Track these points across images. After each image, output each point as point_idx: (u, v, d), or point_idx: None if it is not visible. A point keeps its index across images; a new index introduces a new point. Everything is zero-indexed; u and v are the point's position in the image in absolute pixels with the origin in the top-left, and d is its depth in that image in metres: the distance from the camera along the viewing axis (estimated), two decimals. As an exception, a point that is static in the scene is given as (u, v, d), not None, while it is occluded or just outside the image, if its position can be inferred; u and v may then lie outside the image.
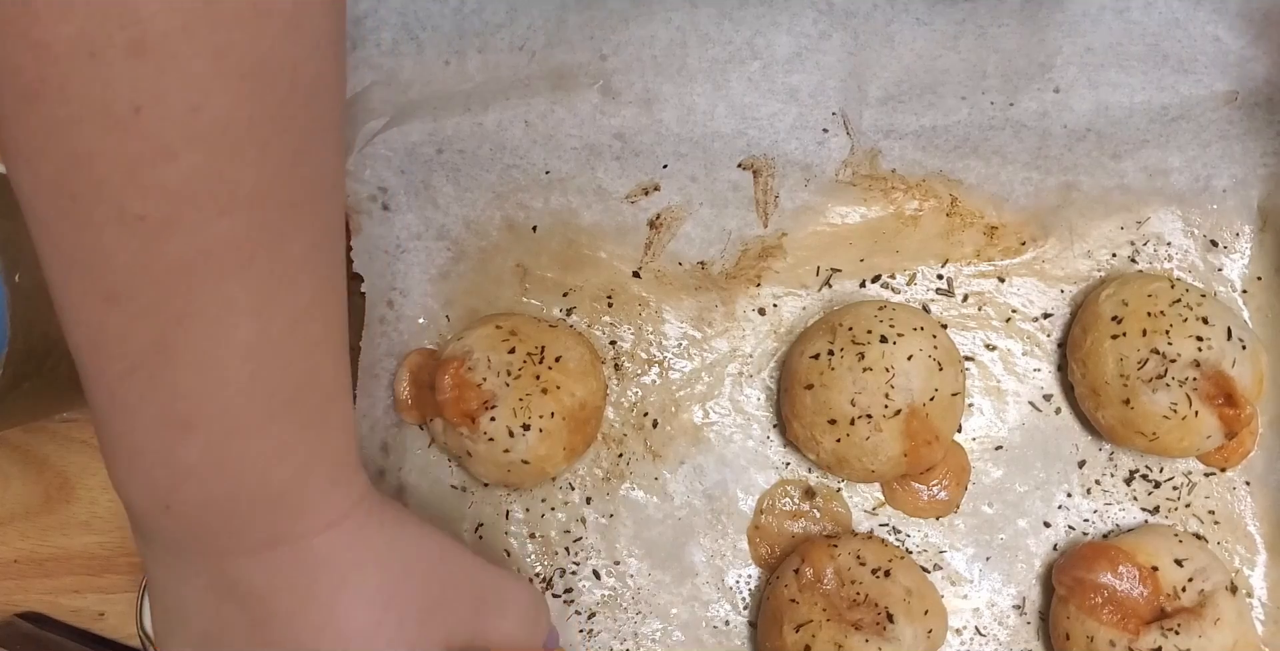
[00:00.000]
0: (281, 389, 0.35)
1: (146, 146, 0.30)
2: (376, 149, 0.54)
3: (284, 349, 0.34)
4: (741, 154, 0.55)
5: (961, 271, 0.55)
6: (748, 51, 0.54)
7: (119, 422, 0.34)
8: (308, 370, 0.36)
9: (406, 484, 0.54)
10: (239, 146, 0.32)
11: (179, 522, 0.35)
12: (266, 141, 0.32)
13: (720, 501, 0.54)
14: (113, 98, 0.30)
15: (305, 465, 0.36)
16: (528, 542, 0.54)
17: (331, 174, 0.37)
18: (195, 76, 0.30)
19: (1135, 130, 0.54)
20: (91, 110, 0.30)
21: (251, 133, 0.32)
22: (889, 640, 0.48)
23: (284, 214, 0.34)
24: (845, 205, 0.55)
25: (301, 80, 0.33)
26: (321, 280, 0.36)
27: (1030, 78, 0.54)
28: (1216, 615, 0.48)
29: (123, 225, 0.31)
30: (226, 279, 0.32)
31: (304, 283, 0.35)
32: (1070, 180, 0.55)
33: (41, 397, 0.47)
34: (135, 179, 0.31)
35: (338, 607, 0.36)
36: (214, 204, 0.32)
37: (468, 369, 0.51)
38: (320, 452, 0.36)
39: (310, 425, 0.36)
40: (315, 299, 0.36)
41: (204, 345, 0.33)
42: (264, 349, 0.34)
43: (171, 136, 0.30)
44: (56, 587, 0.54)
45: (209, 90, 0.31)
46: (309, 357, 0.36)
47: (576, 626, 0.53)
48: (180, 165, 0.31)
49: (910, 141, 0.55)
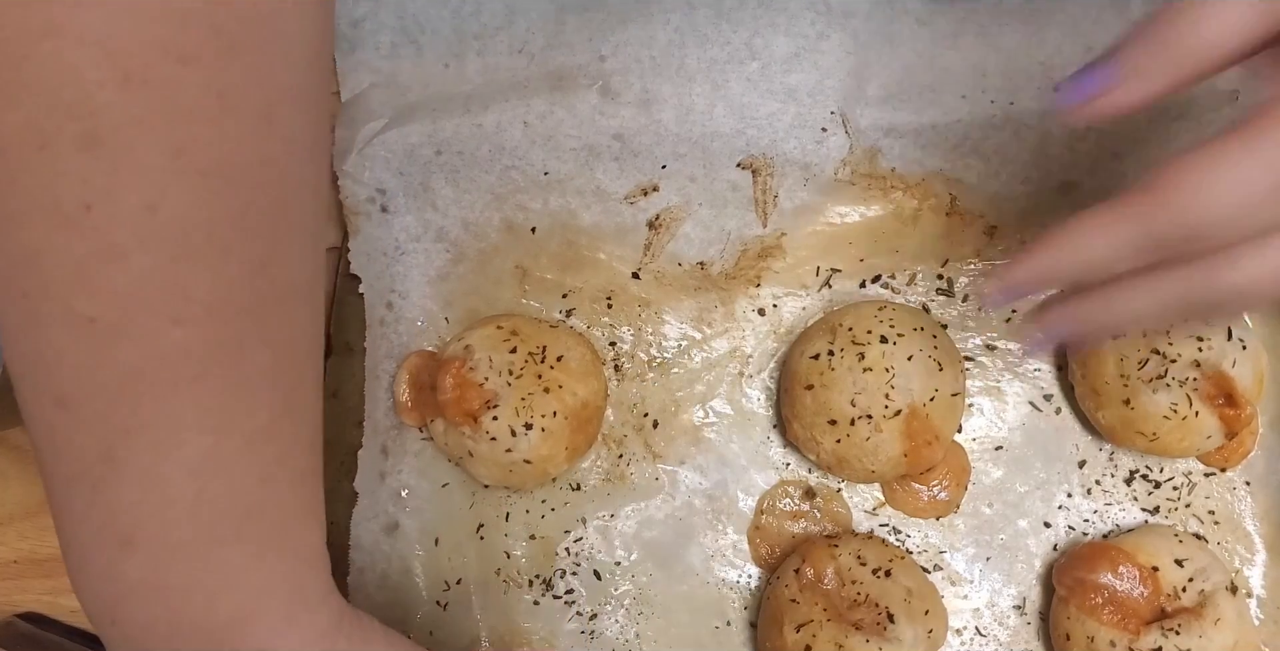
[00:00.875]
0: (230, 512, 0.32)
1: (96, 246, 0.28)
2: (375, 151, 0.54)
3: (235, 470, 0.32)
4: (740, 154, 0.55)
5: (962, 271, 0.55)
6: (746, 52, 0.54)
7: (67, 528, 0.33)
8: (263, 495, 0.33)
9: (407, 486, 0.54)
10: (196, 250, 0.30)
11: (125, 639, 0.33)
12: (228, 245, 0.30)
13: (720, 501, 0.54)
14: (62, 193, 0.28)
15: (256, 597, 0.33)
16: (528, 543, 0.54)
17: (306, 280, 0.34)
18: (150, 172, 0.28)
19: (1135, 130, 0.54)
20: (40, 206, 0.28)
21: (211, 235, 0.30)
22: (889, 640, 0.48)
23: (245, 324, 0.31)
24: (844, 204, 0.55)
25: (270, 181, 0.31)
26: (287, 395, 0.34)
27: (1031, 76, 0.54)
28: (1217, 615, 0.48)
29: (71, 327, 0.29)
30: (178, 391, 0.30)
31: (264, 399, 0.33)
32: (1071, 180, 0.55)
33: (41, 398, 0.47)
34: (84, 279, 0.29)
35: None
36: (166, 310, 0.30)
37: (469, 368, 0.51)
38: (274, 585, 0.34)
39: (263, 554, 0.33)
40: (276, 417, 0.33)
41: (148, 459, 0.31)
42: (212, 468, 0.32)
43: (123, 236, 0.29)
44: (56, 588, 0.54)
45: (165, 188, 0.29)
46: (266, 481, 0.33)
47: (577, 627, 0.53)
48: (130, 267, 0.29)
49: (910, 140, 0.55)
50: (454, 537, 0.53)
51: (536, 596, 0.53)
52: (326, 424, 0.53)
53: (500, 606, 0.53)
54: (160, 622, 0.32)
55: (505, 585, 0.53)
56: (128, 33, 0.27)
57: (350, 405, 0.53)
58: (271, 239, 0.32)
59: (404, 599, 0.53)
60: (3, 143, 0.28)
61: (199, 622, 0.32)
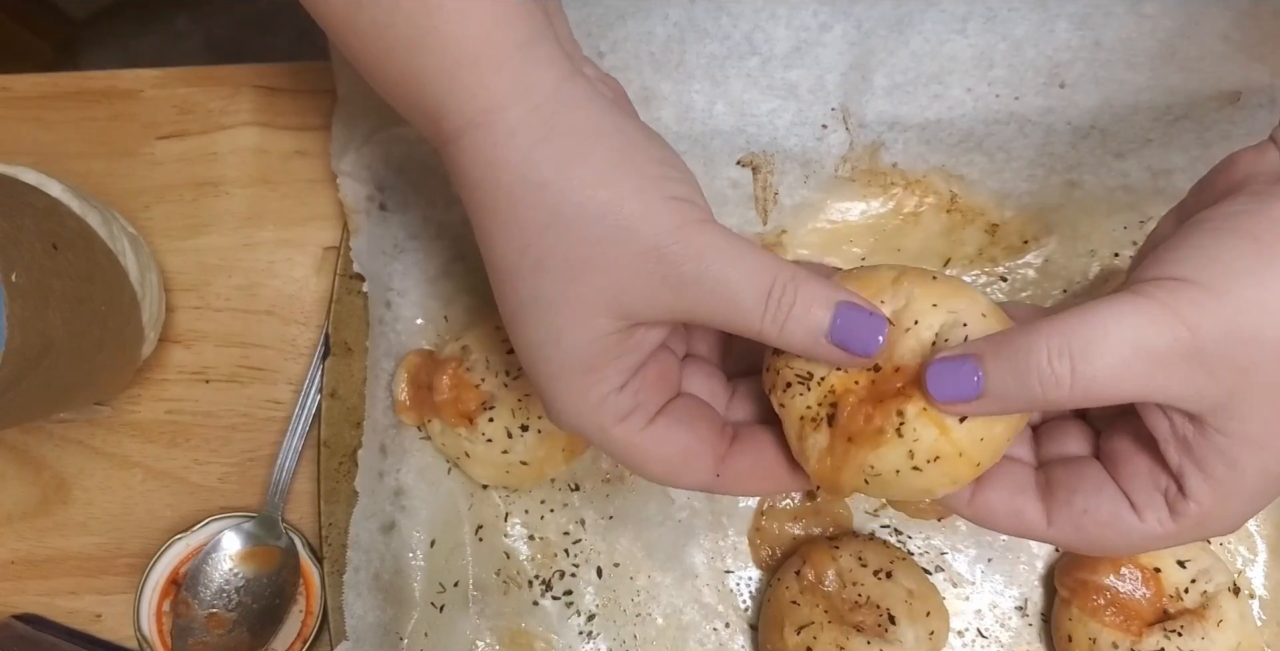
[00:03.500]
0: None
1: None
2: (374, 149, 0.54)
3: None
4: (740, 151, 0.54)
5: (964, 270, 0.55)
6: (746, 47, 0.53)
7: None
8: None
9: (405, 486, 0.53)
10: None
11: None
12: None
13: (721, 502, 0.54)
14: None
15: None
16: (527, 544, 0.53)
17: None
18: None
19: (1139, 128, 0.54)
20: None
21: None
22: (891, 642, 0.48)
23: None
24: (845, 201, 0.55)
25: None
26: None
27: (1038, 71, 0.53)
28: (1219, 616, 0.48)
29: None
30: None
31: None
32: (1073, 178, 0.54)
33: (39, 397, 0.46)
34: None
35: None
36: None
37: (466, 369, 0.51)
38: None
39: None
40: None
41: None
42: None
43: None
44: (53, 589, 0.54)
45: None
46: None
47: (576, 628, 0.53)
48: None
49: (915, 134, 0.54)
50: (453, 538, 0.53)
51: (536, 596, 0.53)
52: (327, 424, 0.53)
53: (500, 607, 0.53)
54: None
55: (505, 585, 0.53)
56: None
57: (350, 405, 0.53)
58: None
59: (401, 599, 0.52)
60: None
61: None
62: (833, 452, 0.37)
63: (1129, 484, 0.37)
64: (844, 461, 0.37)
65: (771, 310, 0.35)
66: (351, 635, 0.50)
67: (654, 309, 0.35)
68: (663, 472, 0.39)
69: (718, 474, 0.40)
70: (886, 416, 0.36)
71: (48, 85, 0.58)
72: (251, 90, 0.58)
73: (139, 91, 0.58)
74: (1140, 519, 0.36)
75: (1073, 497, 0.37)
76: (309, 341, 0.56)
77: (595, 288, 0.35)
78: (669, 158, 0.37)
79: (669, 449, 0.39)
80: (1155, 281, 0.32)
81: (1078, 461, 0.39)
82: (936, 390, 0.35)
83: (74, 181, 0.50)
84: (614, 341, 0.36)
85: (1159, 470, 0.36)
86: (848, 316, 0.35)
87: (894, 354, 0.37)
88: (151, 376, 0.56)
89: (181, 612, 0.52)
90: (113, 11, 1.41)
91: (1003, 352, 0.34)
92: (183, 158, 0.57)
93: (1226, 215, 0.33)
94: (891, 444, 0.36)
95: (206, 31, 1.43)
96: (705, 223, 0.35)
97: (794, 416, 0.39)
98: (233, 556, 0.53)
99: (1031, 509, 0.38)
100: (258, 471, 0.55)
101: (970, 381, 0.34)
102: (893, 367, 0.37)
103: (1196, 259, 0.32)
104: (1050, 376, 0.32)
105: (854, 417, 0.37)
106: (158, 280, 0.53)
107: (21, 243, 0.43)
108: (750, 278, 0.35)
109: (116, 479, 0.55)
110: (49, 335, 0.43)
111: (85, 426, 0.55)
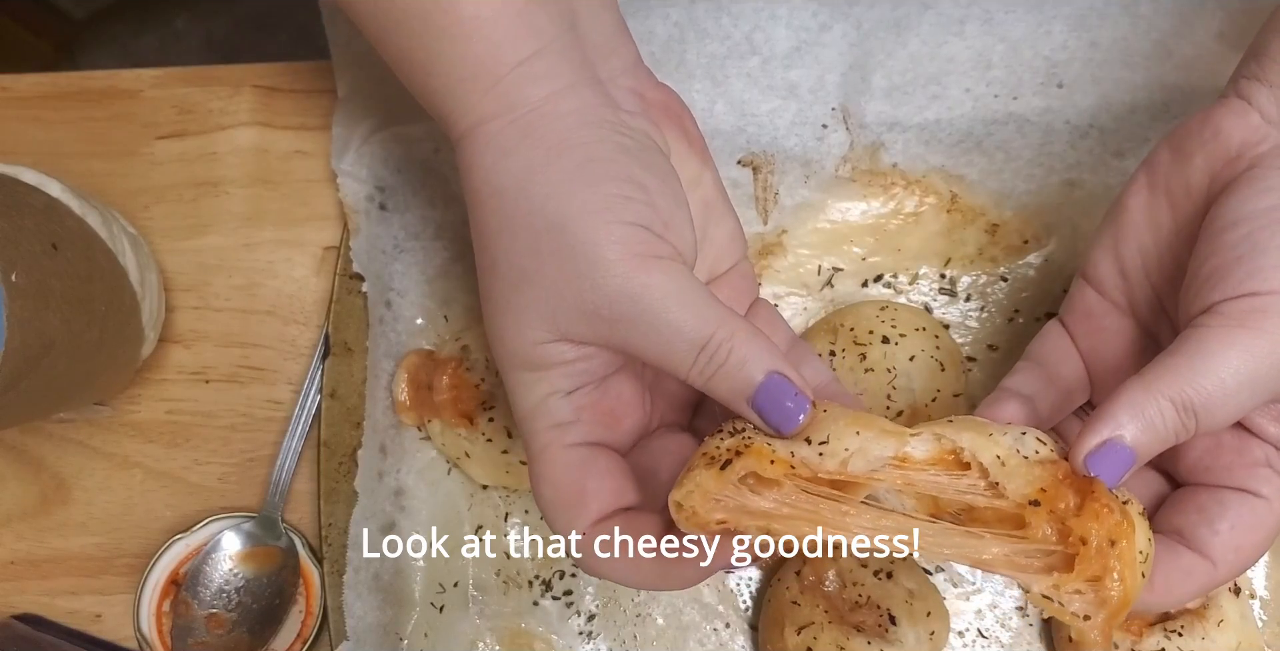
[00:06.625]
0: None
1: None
2: (373, 149, 0.54)
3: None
4: (741, 151, 0.54)
5: (964, 271, 0.55)
6: (746, 46, 0.53)
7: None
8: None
9: (405, 486, 0.53)
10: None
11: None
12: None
13: (720, 502, 0.53)
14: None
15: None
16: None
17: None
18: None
19: (1137, 127, 0.54)
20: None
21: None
22: (891, 642, 0.48)
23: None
24: (845, 201, 0.55)
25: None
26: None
27: (1035, 71, 0.53)
28: (1220, 616, 0.48)
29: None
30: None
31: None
32: (1073, 178, 0.54)
33: (38, 397, 0.46)
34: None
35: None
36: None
37: (466, 369, 0.51)
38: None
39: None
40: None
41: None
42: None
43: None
44: (53, 589, 0.54)
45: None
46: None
47: (576, 628, 0.53)
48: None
49: (914, 135, 0.54)
50: (452, 538, 0.53)
51: (536, 596, 0.53)
52: (326, 424, 0.53)
53: (500, 607, 0.53)
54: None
55: (505, 586, 0.53)
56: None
57: (349, 405, 0.53)
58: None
59: (401, 599, 0.52)
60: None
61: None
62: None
63: (1244, 480, 0.38)
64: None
65: (701, 364, 0.35)
66: (352, 635, 0.50)
67: (586, 334, 0.36)
68: (549, 498, 0.38)
69: (584, 533, 0.37)
70: (1107, 525, 0.34)
71: (48, 85, 0.58)
72: (251, 90, 0.58)
73: (139, 91, 0.58)
74: (1271, 505, 0.38)
75: (1214, 525, 0.38)
76: (309, 341, 0.56)
77: (532, 299, 0.36)
78: (640, 177, 0.36)
79: (569, 477, 0.38)
80: (1246, 299, 0.34)
81: (1175, 497, 0.40)
82: (1109, 477, 0.35)
83: (74, 181, 0.50)
84: (553, 350, 0.37)
85: (1259, 459, 0.38)
86: (776, 386, 0.35)
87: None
88: (151, 376, 0.56)
89: (181, 613, 0.52)
90: (113, 11, 1.41)
91: (1139, 423, 0.35)
92: (182, 157, 0.57)
93: (1272, 208, 0.35)
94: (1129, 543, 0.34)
95: (206, 31, 1.43)
96: (654, 259, 0.35)
97: (701, 449, 0.36)
98: (232, 556, 0.53)
99: (1189, 561, 0.38)
100: (257, 471, 0.55)
101: (1128, 457, 0.35)
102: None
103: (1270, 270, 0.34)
104: (1183, 431, 0.35)
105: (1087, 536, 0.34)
106: (158, 280, 0.53)
107: (21, 242, 0.43)
108: (687, 327, 0.35)
109: (116, 479, 0.55)
110: (49, 335, 0.43)
111: (85, 426, 0.55)
